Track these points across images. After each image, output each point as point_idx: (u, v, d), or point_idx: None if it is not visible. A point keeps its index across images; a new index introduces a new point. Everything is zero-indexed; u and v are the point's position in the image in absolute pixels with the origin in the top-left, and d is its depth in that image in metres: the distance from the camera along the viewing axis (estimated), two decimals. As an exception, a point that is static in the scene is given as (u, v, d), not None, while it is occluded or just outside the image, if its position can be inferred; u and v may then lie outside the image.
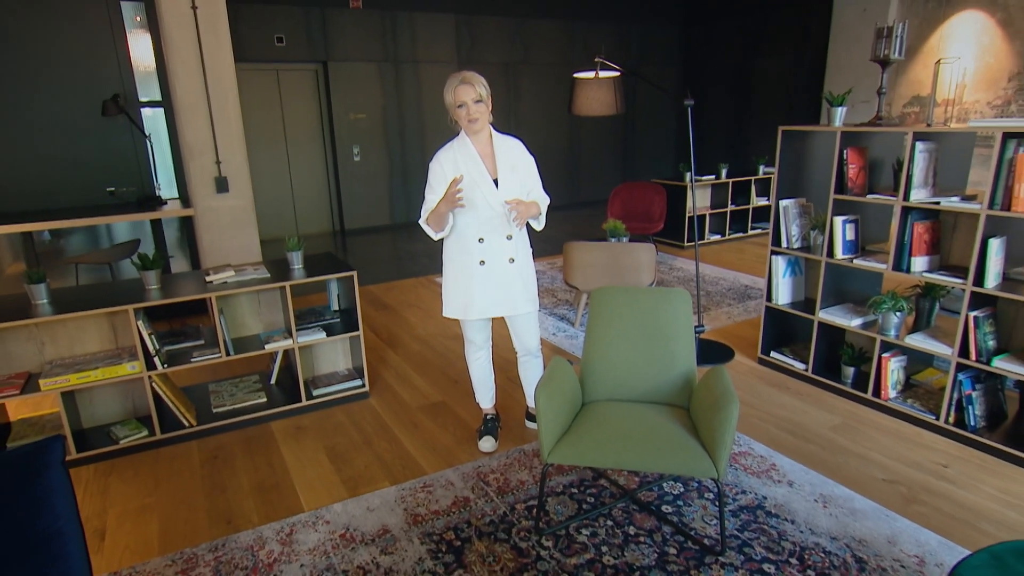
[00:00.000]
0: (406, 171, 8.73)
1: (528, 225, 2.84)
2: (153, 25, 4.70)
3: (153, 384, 3.03)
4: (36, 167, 4.70)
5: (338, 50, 7.90)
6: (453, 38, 8.57)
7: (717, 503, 2.52)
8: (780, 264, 3.70)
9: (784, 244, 3.65)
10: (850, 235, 3.38)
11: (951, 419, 3.03)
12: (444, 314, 2.84)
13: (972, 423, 2.98)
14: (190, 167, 4.34)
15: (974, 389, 2.97)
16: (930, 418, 3.10)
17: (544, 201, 2.74)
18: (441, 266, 2.87)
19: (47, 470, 1.70)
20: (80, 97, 4.68)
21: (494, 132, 2.67)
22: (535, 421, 2.84)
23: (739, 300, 5.23)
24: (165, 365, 3.02)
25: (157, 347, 3.00)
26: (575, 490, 2.64)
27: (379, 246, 7.78)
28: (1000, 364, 2.83)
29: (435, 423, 3.27)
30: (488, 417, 3.09)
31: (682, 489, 2.63)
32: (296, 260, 3.39)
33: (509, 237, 2.69)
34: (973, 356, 2.91)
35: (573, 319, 4.76)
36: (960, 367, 2.96)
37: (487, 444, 2.99)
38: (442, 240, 2.76)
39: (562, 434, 2.32)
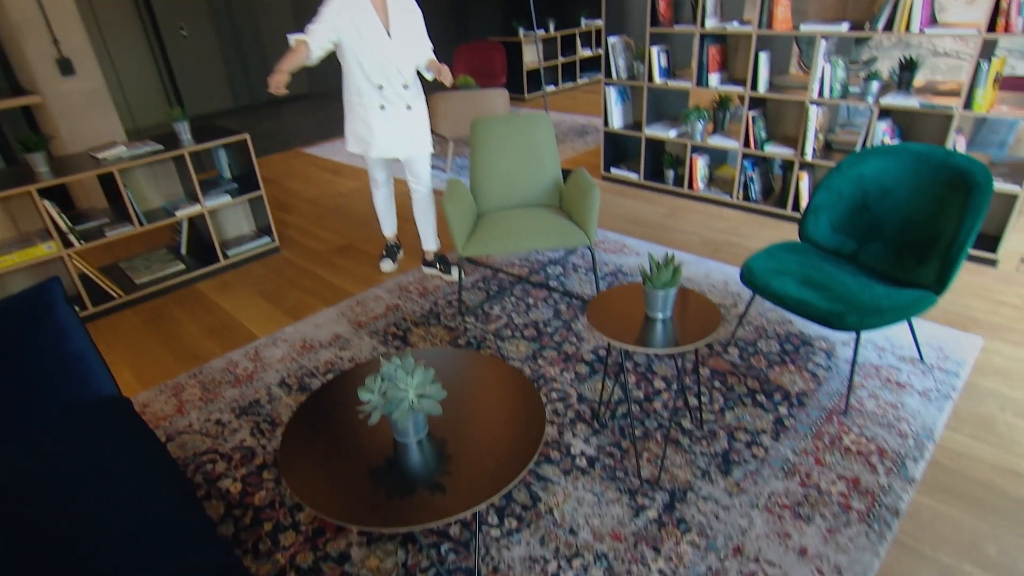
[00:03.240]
0: (241, 50, 8.07)
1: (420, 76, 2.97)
2: None
3: (75, 261, 3.02)
4: None
5: (136, -87, 6.83)
6: None
7: (589, 273, 3.19)
8: (612, 94, 4.27)
9: (614, 76, 4.20)
10: (663, 62, 3.99)
11: (740, 197, 3.92)
12: (347, 149, 3.05)
13: (753, 197, 3.88)
14: (24, 50, 3.88)
15: (754, 171, 3.85)
16: (726, 198, 3.97)
17: (429, 51, 2.84)
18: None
19: (57, 304, 1.88)
20: None
21: None
22: (432, 267, 3.30)
23: (579, 136, 5.84)
24: (82, 241, 3.02)
25: (69, 225, 2.97)
26: (481, 284, 3.18)
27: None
28: (770, 149, 3.69)
29: (348, 260, 3.60)
30: (389, 244, 3.45)
31: (561, 270, 3.27)
32: (184, 130, 3.37)
33: (405, 86, 2.82)
34: (752, 145, 3.74)
35: (444, 166, 5.11)
36: (745, 155, 3.80)
37: (386, 265, 3.40)
38: (339, 87, 2.87)
39: (469, 235, 2.79)
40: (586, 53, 8.16)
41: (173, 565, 1.32)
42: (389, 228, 3.41)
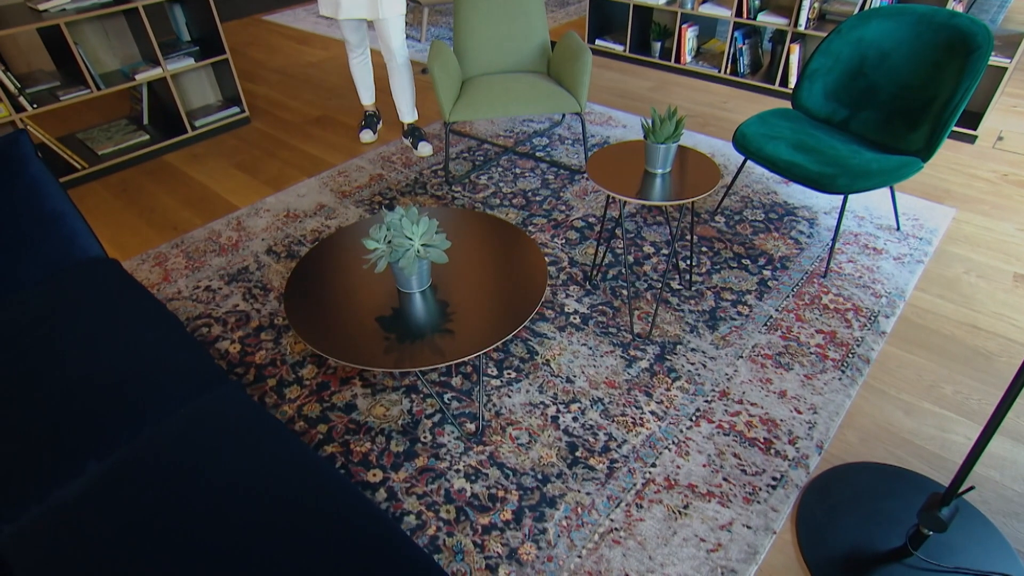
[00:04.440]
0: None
1: None
2: None
3: (30, 127, 2.83)
4: None
5: None
6: None
7: (576, 145, 3.14)
8: (600, -45, 4.00)
9: (603, -66, 3.91)
10: (657, -82, 3.72)
11: (728, 71, 3.83)
12: (320, 12, 2.88)
13: (742, 71, 3.79)
14: None
15: (744, 43, 3.73)
16: (714, 72, 3.87)
17: None
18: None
19: (29, 159, 1.78)
20: None
21: None
22: (409, 136, 3.17)
23: (560, 6, 5.52)
24: (34, 105, 2.81)
25: (18, 85, 2.75)
26: (466, 154, 3.11)
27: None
28: (763, 18, 3.56)
29: (325, 131, 3.46)
30: (367, 113, 3.32)
31: (547, 141, 3.21)
32: (135, -18, 3.06)
33: None
34: (745, 15, 3.60)
35: (418, 35, 4.82)
36: (736, 26, 3.67)
37: (367, 135, 3.29)
38: None
39: (455, 101, 2.69)
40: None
41: (188, 404, 1.36)
42: (367, 97, 3.26)
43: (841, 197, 2.66)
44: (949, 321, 2.08)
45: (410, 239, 1.47)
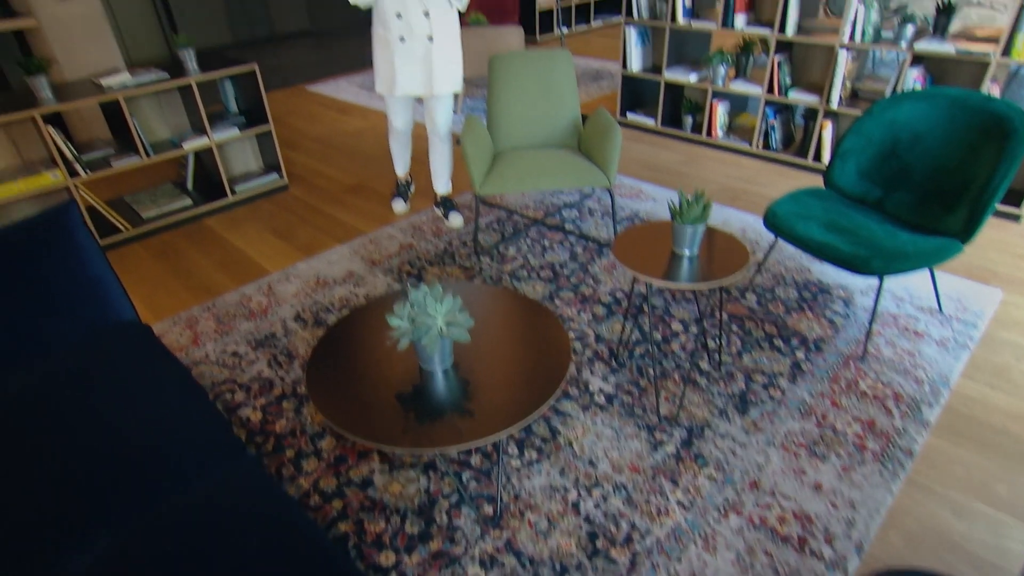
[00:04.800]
0: (239, -21, 7.81)
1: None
2: None
3: (81, 192, 3.01)
4: None
5: None
6: None
7: (605, 218, 3.18)
8: (632, 35, 4.17)
9: (636, 15, 4.09)
10: (687, 2, 3.88)
11: (760, 145, 3.88)
12: (376, 90, 2.98)
13: (773, 146, 3.84)
14: (18, -31, 3.76)
15: (775, 119, 3.80)
16: (746, 146, 3.93)
17: None
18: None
19: (75, 227, 1.89)
20: None
21: None
22: (442, 207, 3.25)
23: (593, 81, 5.73)
24: (88, 171, 2.99)
25: (75, 153, 2.94)
26: (496, 225, 3.18)
27: (230, 65, 7.18)
28: (793, 95, 3.63)
29: (359, 198, 3.58)
30: (401, 183, 3.41)
31: (577, 213, 3.26)
32: (190, 58, 3.30)
33: (426, 13, 2.68)
34: (776, 91, 3.67)
35: (455, 106, 5.02)
36: (767, 102, 3.74)
37: (399, 206, 3.36)
38: (366, 18, 2.78)
39: (486, 173, 2.78)
40: (601, -6, 7.91)
41: (204, 479, 1.37)
42: (402, 168, 3.37)
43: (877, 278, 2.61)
44: (1000, 413, 1.99)
45: (433, 317, 1.49)
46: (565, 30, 7.71)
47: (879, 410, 1.98)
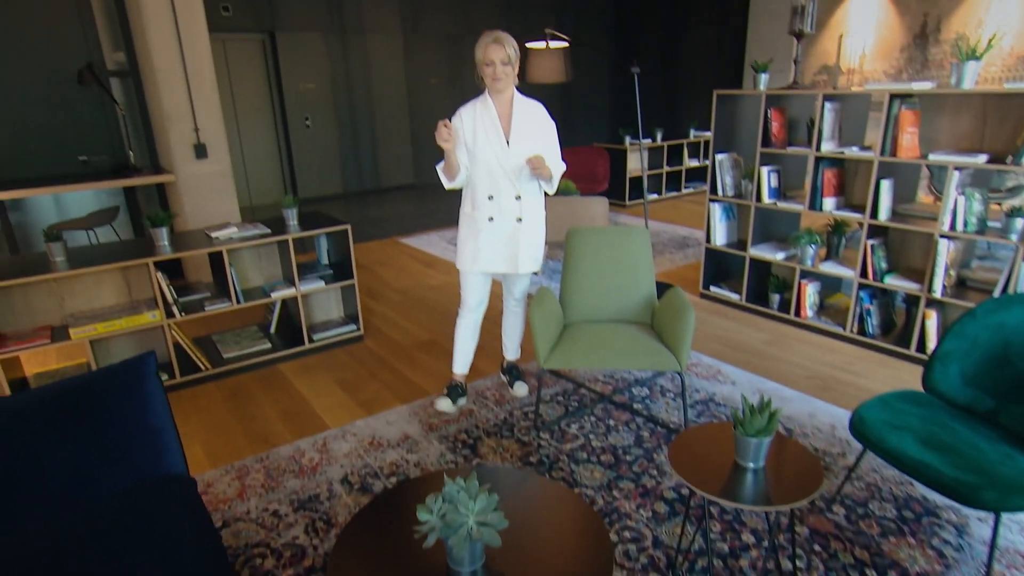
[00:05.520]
0: (357, 140, 8.90)
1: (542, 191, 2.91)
2: (116, -5, 4.75)
3: (172, 331, 3.30)
4: (1, 139, 4.71)
5: (285, 19, 7.94)
6: (398, 8, 8.73)
7: (677, 399, 3.07)
8: (717, 211, 4.29)
9: (720, 193, 4.23)
10: (774, 182, 3.99)
11: (855, 329, 3.71)
12: (457, 265, 2.95)
13: (870, 331, 3.66)
14: (168, 135, 4.48)
15: (871, 304, 3.65)
16: (839, 330, 3.77)
17: (558, 168, 2.80)
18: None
19: (148, 377, 2.04)
20: (46, 68, 4.71)
21: (517, 94, 2.72)
22: (508, 374, 3.27)
23: (678, 249, 5.84)
24: (183, 313, 3.30)
25: (175, 297, 3.27)
26: (560, 398, 3.14)
27: (334, 213, 7.97)
28: (890, 281, 3.51)
29: (430, 356, 3.69)
30: (455, 383, 3.11)
31: (647, 392, 3.17)
32: (291, 216, 3.70)
33: (518, 197, 2.76)
34: (870, 276, 3.57)
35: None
36: (861, 286, 3.63)
37: (444, 404, 3.03)
38: (457, 196, 2.93)
39: (552, 347, 2.80)
40: (693, 164, 8.32)
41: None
42: (461, 365, 3.11)
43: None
44: None
45: (465, 515, 1.44)
46: (654, 196, 8.06)
47: None
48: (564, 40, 4.39)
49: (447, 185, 2.83)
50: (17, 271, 2.95)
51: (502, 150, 2.70)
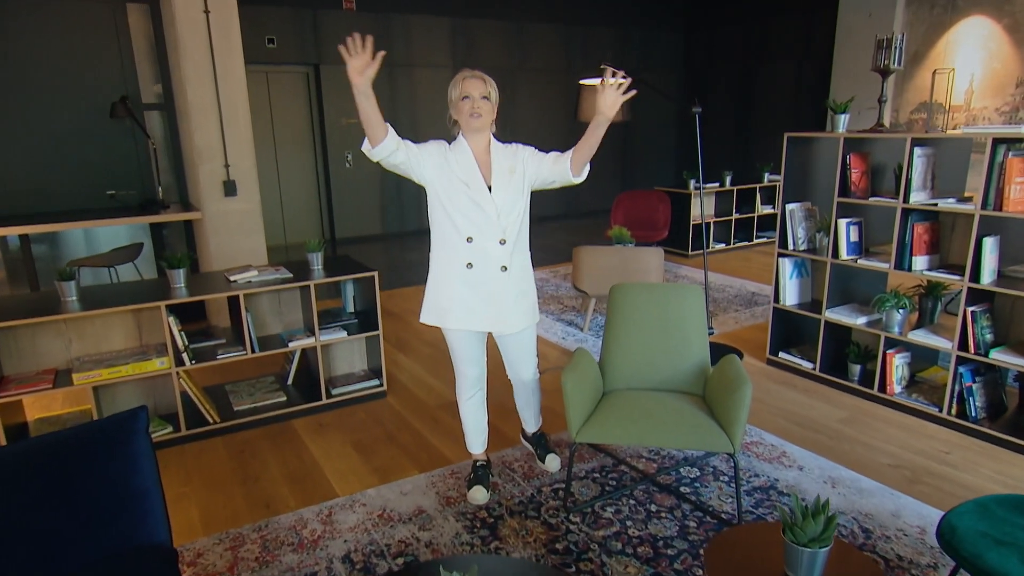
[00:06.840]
0: (399, 179, 9.12)
1: (527, 239, 2.72)
2: (158, 28, 5.09)
3: (181, 380, 3.37)
4: (32, 171, 5.04)
5: (330, 53, 8.32)
6: (449, 42, 9.04)
7: (732, 484, 2.90)
8: (787, 266, 4.13)
9: (791, 246, 4.08)
10: (854, 236, 3.82)
11: (953, 411, 3.45)
12: (421, 320, 2.74)
13: (973, 414, 3.40)
14: (198, 170, 4.69)
15: (974, 381, 3.40)
16: (933, 410, 3.51)
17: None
18: None
19: (136, 435, 2.05)
20: (82, 100, 5.05)
21: (493, 140, 2.60)
22: (537, 444, 3.15)
23: (746, 306, 5.65)
24: (193, 361, 3.36)
25: (186, 343, 3.34)
26: (597, 475, 3.01)
27: (373, 255, 8.14)
28: (997, 356, 3.26)
29: (454, 419, 3.62)
30: (478, 464, 2.95)
31: (698, 473, 3.01)
32: (316, 261, 3.77)
33: (502, 242, 2.55)
34: (972, 349, 3.33)
35: (582, 324, 5.15)
36: (960, 360, 3.39)
37: (479, 495, 2.81)
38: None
39: (587, 417, 2.70)
40: (766, 211, 8.13)
41: None
42: (478, 445, 2.97)
43: None
44: None
45: (454, 620, 1.36)
46: (721, 246, 7.89)
47: None
48: (622, 77, 4.40)
49: (371, 154, 2.42)
50: (26, 310, 3.08)
51: (484, 195, 2.51)
